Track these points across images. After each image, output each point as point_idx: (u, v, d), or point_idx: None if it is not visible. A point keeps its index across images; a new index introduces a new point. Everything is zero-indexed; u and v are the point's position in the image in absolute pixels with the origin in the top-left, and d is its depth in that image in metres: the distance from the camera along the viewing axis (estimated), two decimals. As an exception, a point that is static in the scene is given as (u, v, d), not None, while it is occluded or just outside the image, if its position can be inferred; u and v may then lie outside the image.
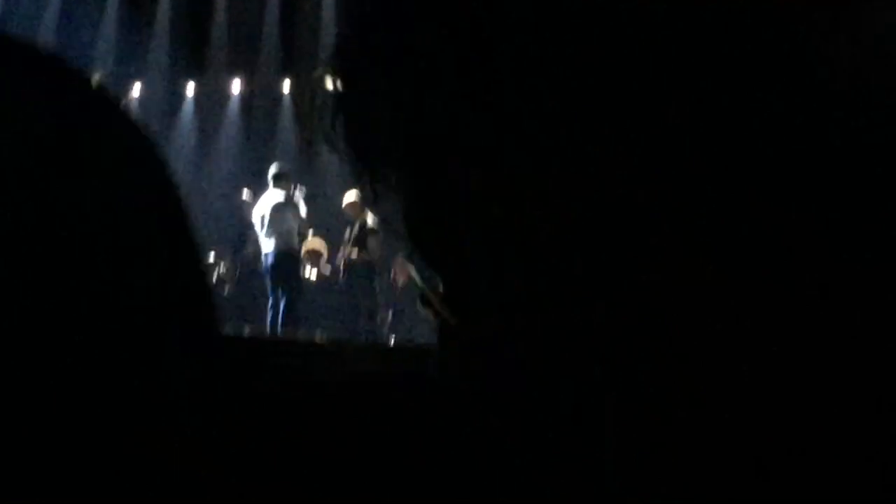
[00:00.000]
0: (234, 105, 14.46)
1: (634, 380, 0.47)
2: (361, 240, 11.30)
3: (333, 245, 11.91)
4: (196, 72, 14.44)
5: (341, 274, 11.61)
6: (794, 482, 0.45)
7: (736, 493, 0.45)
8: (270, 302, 10.58)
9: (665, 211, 0.47)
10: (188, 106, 14.57)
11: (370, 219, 11.42)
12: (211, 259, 12.04)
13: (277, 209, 10.39)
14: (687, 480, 0.45)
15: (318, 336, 9.83)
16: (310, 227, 11.59)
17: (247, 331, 10.06)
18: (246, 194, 11.73)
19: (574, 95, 0.48)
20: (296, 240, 10.65)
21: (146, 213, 0.55)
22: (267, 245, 10.42)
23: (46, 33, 14.23)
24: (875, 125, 0.46)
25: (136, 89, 14.44)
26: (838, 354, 0.45)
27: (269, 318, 10.55)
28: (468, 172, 0.50)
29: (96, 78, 0.58)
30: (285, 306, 10.37)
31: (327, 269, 11.94)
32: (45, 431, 0.49)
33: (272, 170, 10.76)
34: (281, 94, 14.60)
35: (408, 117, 0.51)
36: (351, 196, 11.58)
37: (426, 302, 0.58)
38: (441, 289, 0.56)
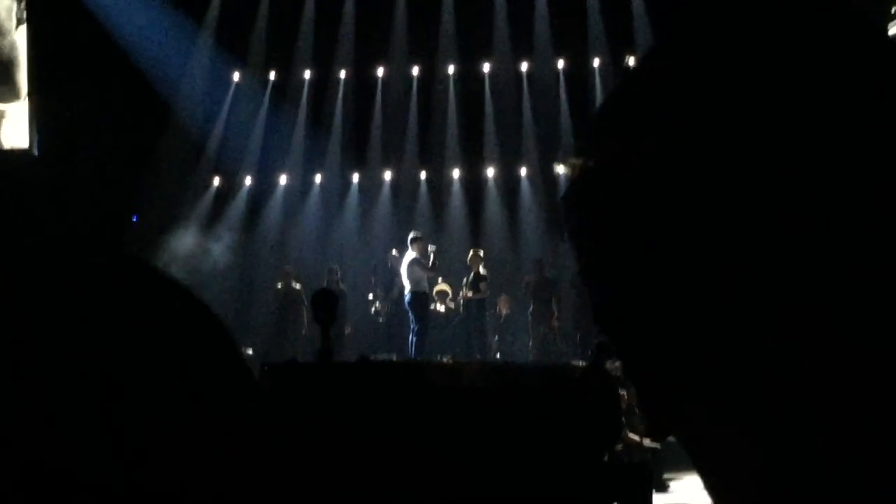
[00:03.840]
0: (385, 189, 18.37)
1: None
2: (476, 284, 15.07)
3: (456, 287, 15.79)
4: (359, 165, 18.54)
5: (461, 308, 15.46)
6: None
7: None
8: (412, 328, 14.44)
9: None
10: (354, 190, 18.65)
11: (482, 268, 15.33)
12: (371, 298, 16.34)
13: (412, 263, 14.07)
14: None
15: (445, 358, 12.78)
16: (439, 275, 15.42)
17: (395, 357, 13.83)
18: (394, 253, 15.41)
19: None
20: (425, 285, 14.39)
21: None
22: (405, 289, 14.36)
23: (257, 139, 19.27)
24: None
25: (318, 179, 18.89)
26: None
27: (410, 340, 14.49)
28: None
29: None
30: (416, 332, 14.18)
31: (452, 305, 15.81)
32: None
33: (410, 235, 14.49)
34: (419, 181, 18.36)
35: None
36: (472, 252, 15.51)
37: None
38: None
